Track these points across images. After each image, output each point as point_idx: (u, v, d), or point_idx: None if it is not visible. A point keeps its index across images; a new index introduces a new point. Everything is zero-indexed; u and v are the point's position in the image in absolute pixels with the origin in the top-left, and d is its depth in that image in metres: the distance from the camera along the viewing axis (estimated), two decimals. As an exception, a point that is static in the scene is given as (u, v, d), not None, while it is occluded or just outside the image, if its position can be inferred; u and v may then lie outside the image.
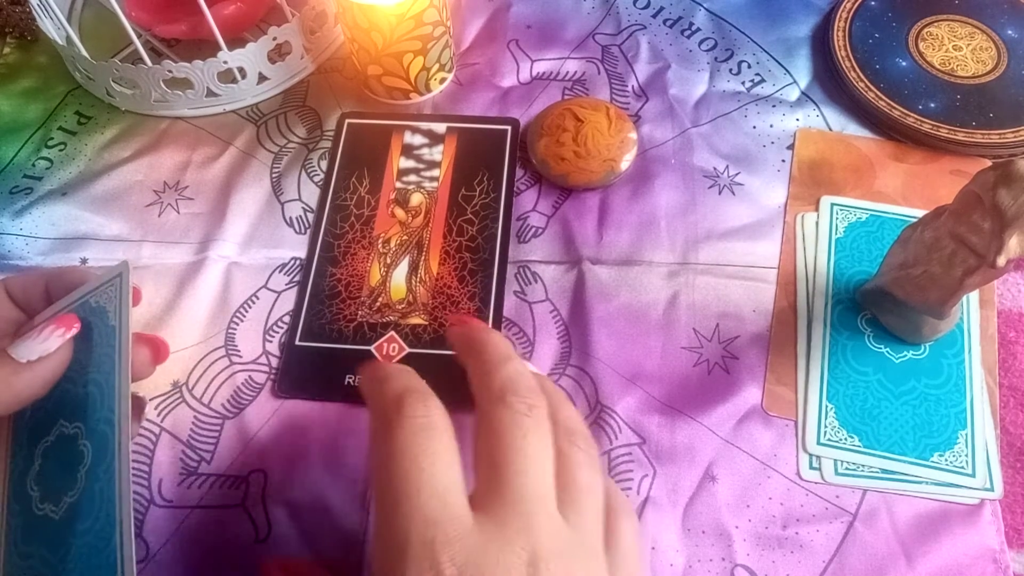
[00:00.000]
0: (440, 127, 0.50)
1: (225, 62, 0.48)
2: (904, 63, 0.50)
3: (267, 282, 0.45)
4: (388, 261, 0.45)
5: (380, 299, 0.43)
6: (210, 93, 0.50)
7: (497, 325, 0.42)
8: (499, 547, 0.22)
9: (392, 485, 0.23)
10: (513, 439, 0.24)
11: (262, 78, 0.51)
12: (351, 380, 0.41)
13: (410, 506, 0.23)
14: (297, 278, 0.45)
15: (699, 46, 0.54)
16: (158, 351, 0.32)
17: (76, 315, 0.28)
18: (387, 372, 0.27)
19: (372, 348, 0.42)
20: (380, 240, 0.45)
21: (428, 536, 0.22)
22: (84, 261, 0.46)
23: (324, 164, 0.49)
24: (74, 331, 0.27)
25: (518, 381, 0.25)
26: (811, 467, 0.38)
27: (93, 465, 0.26)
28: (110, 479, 0.26)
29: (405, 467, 0.23)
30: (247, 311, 0.44)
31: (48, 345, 0.27)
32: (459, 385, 0.41)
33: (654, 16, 0.55)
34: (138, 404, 0.29)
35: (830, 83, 0.51)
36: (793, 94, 0.51)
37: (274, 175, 0.49)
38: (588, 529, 0.24)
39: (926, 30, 0.52)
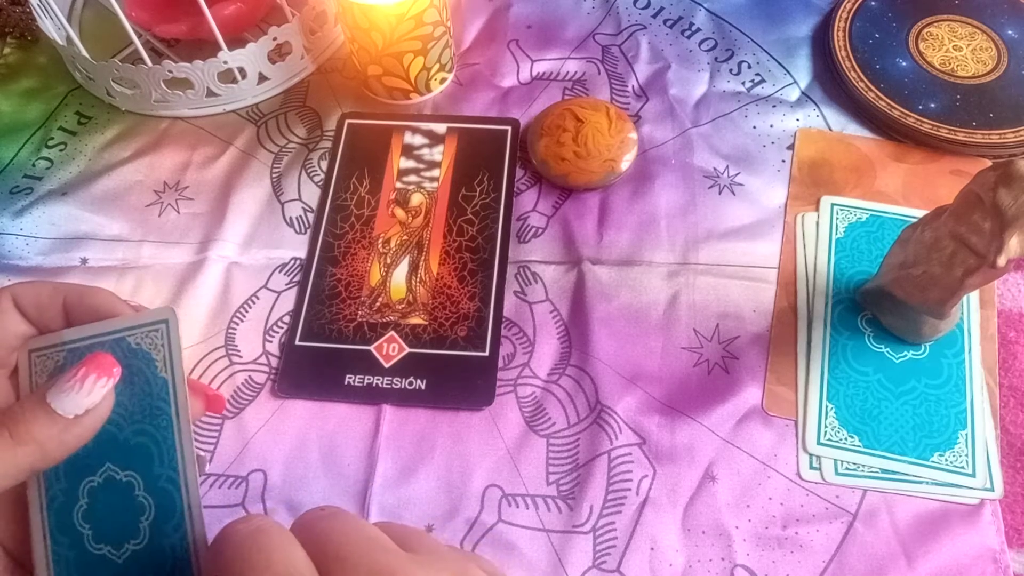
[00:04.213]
0: (440, 127, 0.50)
1: (225, 62, 0.48)
2: (904, 63, 0.50)
3: (267, 282, 0.45)
4: (388, 261, 0.45)
5: (380, 299, 0.43)
6: (210, 93, 0.50)
7: (497, 325, 0.42)
8: None
9: None
10: (324, 525, 0.23)
11: (262, 78, 0.51)
12: (351, 380, 0.41)
13: None
14: (297, 278, 0.45)
15: (699, 46, 0.54)
16: (210, 403, 0.31)
17: (113, 355, 0.27)
18: None
19: (372, 348, 0.42)
20: (380, 240, 0.45)
21: None
22: (84, 261, 0.46)
23: (324, 164, 0.49)
24: (116, 376, 0.27)
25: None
26: (811, 467, 0.38)
27: (159, 521, 0.26)
28: (181, 539, 0.26)
29: (243, 571, 0.21)
30: (247, 311, 0.44)
31: (94, 398, 0.26)
32: (459, 385, 0.41)
33: (654, 16, 0.55)
34: (200, 462, 0.28)
35: (830, 83, 0.51)
36: (793, 94, 0.51)
37: (274, 175, 0.49)
38: (438, 551, 0.24)
39: (926, 30, 0.52)
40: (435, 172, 0.48)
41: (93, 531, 0.27)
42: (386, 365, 0.41)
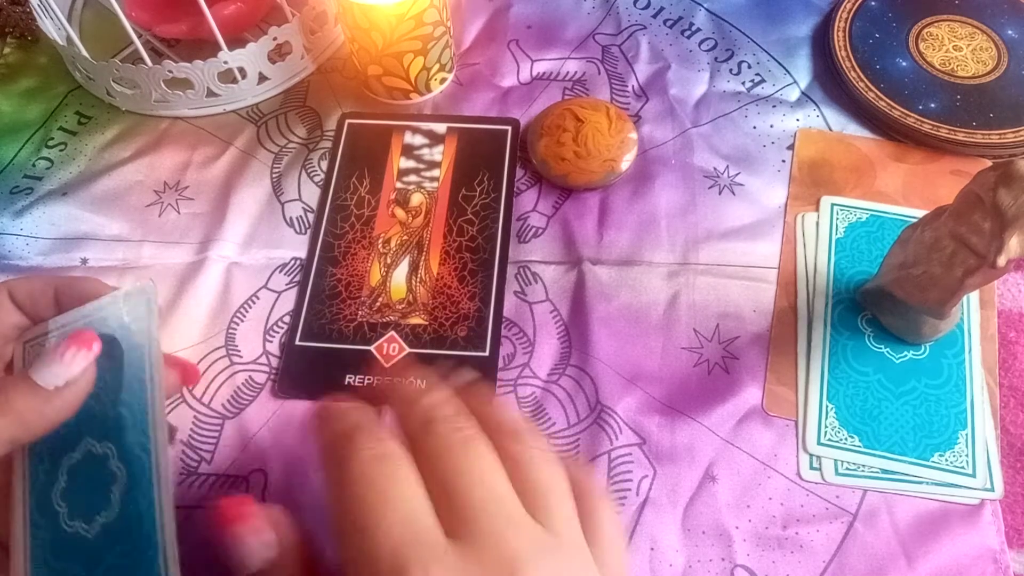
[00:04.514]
0: (440, 127, 0.50)
1: (225, 62, 0.48)
2: (904, 63, 0.50)
3: (267, 282, 0.45)
4: (388, 261, 0.45)
5: (380, 299, 0.43)
6: (210, 93, 0.50)
7: (497, 325, 0.42)
8: (477, 566, 0.21)
9: (352, 517, 0.22)
10: (456, 461, 0.23)
11: (262, 78, 0.51)
12: (351, 380, 0.41)
13: (376, 534, 0.22)
14: (297, 278, 0.45)
15: (699, 46, 0.54)
16: (187, 375, 0.32)
17: (94, 330, 0.27)
18: (335, 411, 0.26)
19: (372, 348, 0.42)
20: (380, 240, 0.45)
21: (399, 563, 0.21)
22: (84, 261, 0.46)
23: (324, 164, 0.49)
24: (95, 350, 0.27)
25: (437, 409, 0.25)
26: (811, 467, 0.38)
27: (129, 489, 0.26)
28: (150, 506, 0.26)
29: (364, 496, 0.22)
30: (247, 311, 0.44)
31: (73, 369, 0.26)
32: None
33: (654, 16, 0.55)
34: (170, 432, 0.28)
35: (830, 83, 0.51)
36: (793, 94, 0.51)
37: (274, 175, 0.49)
38: (563, 527, 0.23)
39: (926, 30, 0.52)
40: (435, 172, 0.48)
41: (68, 509, 0.27)
42: (386, 365, 0.41)
